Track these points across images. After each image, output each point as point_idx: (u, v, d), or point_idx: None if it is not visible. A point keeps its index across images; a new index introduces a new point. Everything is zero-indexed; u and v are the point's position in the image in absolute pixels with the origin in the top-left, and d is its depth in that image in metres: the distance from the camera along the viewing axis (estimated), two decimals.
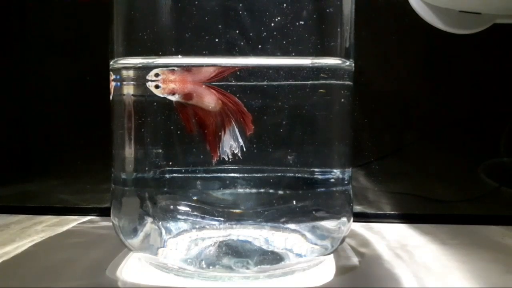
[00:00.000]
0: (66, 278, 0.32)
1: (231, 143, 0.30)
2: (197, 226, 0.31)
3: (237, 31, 0.30)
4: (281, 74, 0.31)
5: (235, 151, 0.30)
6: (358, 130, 0.49)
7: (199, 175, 0.31)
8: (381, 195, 0.50)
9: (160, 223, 0.32)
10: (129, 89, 0.33)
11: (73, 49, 0.51)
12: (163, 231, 0.31)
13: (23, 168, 0.53)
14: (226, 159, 0.30)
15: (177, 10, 0.31)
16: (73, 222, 0.46)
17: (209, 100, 0.30)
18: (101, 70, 0.37)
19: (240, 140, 0.30)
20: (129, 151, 0.33)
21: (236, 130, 0.30)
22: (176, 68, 0.30)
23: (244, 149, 0.30)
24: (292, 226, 0.32)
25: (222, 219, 0.31)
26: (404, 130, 0.51)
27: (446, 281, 0.32)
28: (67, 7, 0.51)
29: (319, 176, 0.33)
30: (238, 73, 0.30)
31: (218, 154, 0.30)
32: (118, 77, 0.33)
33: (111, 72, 0.34)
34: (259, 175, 0.31)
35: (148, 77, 0.31)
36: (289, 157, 0.32)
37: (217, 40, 0.30)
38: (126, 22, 0.33)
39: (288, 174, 0.32)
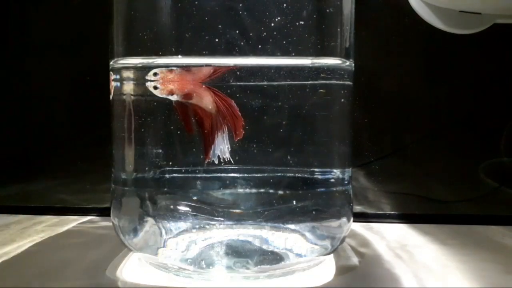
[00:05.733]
0: (66, 278, 0.32)
1: (221, 147, 0.30)
2: (197, 226, 0.31)
3: (237, 31, 0.30)
4: (281, 74, 0.31)
5: (223, 156, 0.30)
6: (358, 130, 0.49)
7: (199, 175, 0.31)
8: (381, 195, 0.50)
9: (160, 223, 0.32)
10: (129, 89, 0.33)
11: (73, 49, 0.51)
12: (163, 231, 0.32)
13: (23, 168, 0.53)
14: (216, 162, 0.30)
15: (177, 10, 0.31)
16: (73, 222, 0.46)
17: (207, 101, 0.30)
18: (101, 70, 0.37)
19: (228, 146, 0.30)
20: (129, 151, 0.33)
21: (226, 134, 0.30)
22: (175, 68, 0.30)
23: (230, 157, 0.30)
24: (292, 226, 0.32)
25: (222, 219, 0.31)
26: (404, 130, 0.51)
27: (446, 281, 0.32)
28: (67, 7, 0.51)
29: (319, 176, 0.33)
30: (238, 73, 0.30)
31: (210, 157, 0.30)
32: (118, 77, 0.33)
33: (111, 72, 0.34)
34: (259, 175, 0.31)
35: (147, 77, 0.31)
36: (289, 157, 0.32)
37: (217, 40, 0.30)
38: (126, 22, 0.33)
39: (288, 174, 0.32)
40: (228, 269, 0.30)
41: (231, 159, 0.30)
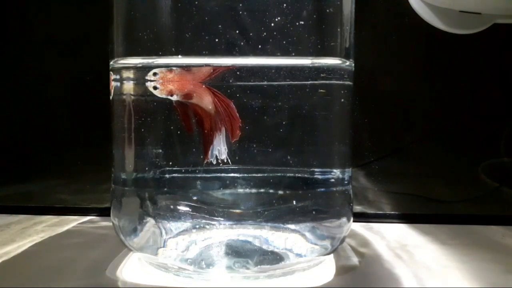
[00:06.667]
0: (66, 278, 0.32)
1: (218, 148, 0.30)
2: (197, 226, 0.31)
3: (237, 31, 0.30)
4: (281, 74, 0.31)
5: (220, 157, 0.30)
6: (358, 130, 0.49)
7: (199, 175, 0.31)
8: (381, 195, 0.50)
9: (160, 223, 0.32)
10: (129, 89, 0.33)
11: (73, 49, 0.51)
12: (163, 231, 0.32)
13: (23, 168, 0.53)
14: (214, 162, 0.30)
15: (177, 10, 0.31)
16: (73, 222, 0.46)
17: (207, 101, 0.30)
18: (101, 70, 0.37)
19: (225, 147, 0.30)
20: (129, 151, 0.33)
21: (224, 135, 0.30)
22: (174, 68, 0.30)
23: (228, 158, 0.30)
24: (292, 226, 0.32)
25: (222, 219, 0.31)
26: (404, 130, 0.51)
27: (446, 281, 0.32)
28: (67, 7, 0.51)
29: (319, 176, 0.33)
30: (238, 73, 0.30)
31: (208, 157, 0.30)
32: (118, 77, 0.33)
33: (111, 72, 0.34)
34: (259, 175, 0.31)
35: (147, 77, 0.31)
36: (289, 157, 0.32)
37: (217, 40, 0.30)
38: (126, 22, 0.33)
39: (288, 174, 0.32)
40: (228, 269, 0.30)
41: (229, 160, 0.30)
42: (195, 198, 0.32)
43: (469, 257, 0.37)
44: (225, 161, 0.30)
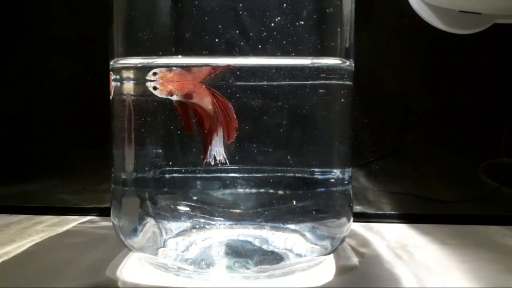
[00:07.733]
0: (66, 278, 0.32)
1: (217, 149, 0.30)
2: (197, 226, 0.31)
3: (237, 31, 0.30)
4: (281, 74, 0.31)
5: (219, 157, 0.30)
6: (358, 130, 0.49)
7: (199, 175, 0.31)
8: (381, 195, 0.50)
9: (160, 223, 0.32)
10: (129, 89, 0.33)
11: (73, 49, 0.51)
12: (163, 231, 0.32)
13: (23, 168, 0.53)
14: (212, 163, 0.30)
15: (177, 10, 0.31)
16: (73, 222, 0.46)
17: (207, 101, 0.30)
18: (101, 70, 0.37)
19: (222, 147, 0.30)
20: (129, 151, 0.33)
21: (222, 136, 0.30)
22: (174, 68, 0.30)
23: (225, 159, 0.30)
24: (292, 226, 0.32)
25: (222, 219, 0.31)
26: (404, 130, 0.51)
27: (446, 281, 0.32)
28: (67, 7, 0.51)
29: (319, 176, 0.33)
30: (238, 73, 0.30)
31: (207, 158, 0.30)
32: (118, 77, 0.33)
33: (111, 72, 0.34)
34: (259, 175, 0.31)
35: (147, 77, 0.31)
36: (289, 157, 0.32)
37: (217, 40, 0.30)
38: (126, 22, 0.33)
39: (288, 174, 0.32)
40: (228, 269, 0.30)
41: (227, 161, 0.30)
42: (195, 198, 0.32)
43: (469, 257, 0.37)
44: (223, 161, 0.30)
